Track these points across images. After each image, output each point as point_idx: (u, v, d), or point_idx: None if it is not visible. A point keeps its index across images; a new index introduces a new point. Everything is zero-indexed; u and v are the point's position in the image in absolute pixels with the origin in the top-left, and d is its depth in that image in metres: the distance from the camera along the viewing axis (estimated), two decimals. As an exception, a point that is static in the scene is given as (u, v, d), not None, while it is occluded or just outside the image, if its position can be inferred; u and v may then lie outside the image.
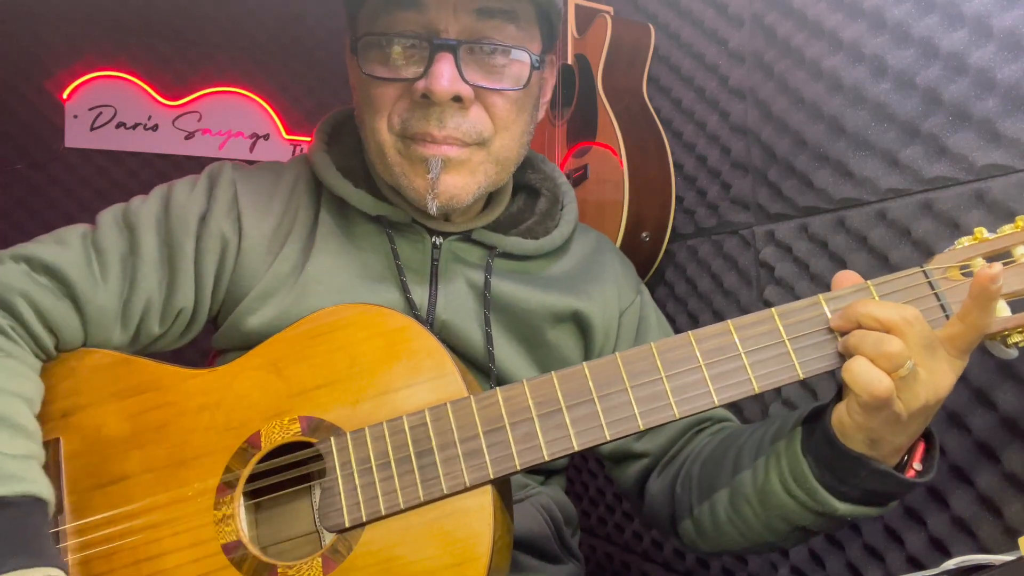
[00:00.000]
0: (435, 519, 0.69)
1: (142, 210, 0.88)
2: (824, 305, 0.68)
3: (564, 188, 1.03)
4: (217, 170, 0.93)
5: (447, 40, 0.80)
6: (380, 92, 0.84)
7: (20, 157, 2.21)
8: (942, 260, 0.68)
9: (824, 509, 0.70)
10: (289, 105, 2.56)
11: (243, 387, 0.76)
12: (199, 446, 0.75)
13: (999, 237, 0.68)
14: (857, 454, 0.67)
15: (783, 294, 1.23)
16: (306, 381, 0.75)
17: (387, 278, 0.89)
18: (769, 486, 0.74)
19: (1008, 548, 0.85)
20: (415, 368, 0.73)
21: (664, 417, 0.68)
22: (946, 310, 0.66)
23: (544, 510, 0.95)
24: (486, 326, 0.90)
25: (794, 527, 0.74)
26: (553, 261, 0.99)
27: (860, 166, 1.08)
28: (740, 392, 0.68)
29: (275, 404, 0.75)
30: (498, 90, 0.83)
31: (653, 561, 1.58)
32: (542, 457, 0.69)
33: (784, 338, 0.68)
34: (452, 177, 0.84)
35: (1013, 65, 0.88)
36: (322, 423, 0.73)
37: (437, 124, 0.81)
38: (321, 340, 0.76)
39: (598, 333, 0.97)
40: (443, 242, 0.92)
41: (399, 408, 0.72)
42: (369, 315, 0.76)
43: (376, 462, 0.70)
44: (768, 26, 1.25)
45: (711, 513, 0.82)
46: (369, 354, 0.74)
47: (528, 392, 0.70)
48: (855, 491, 0.69)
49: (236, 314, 0.86)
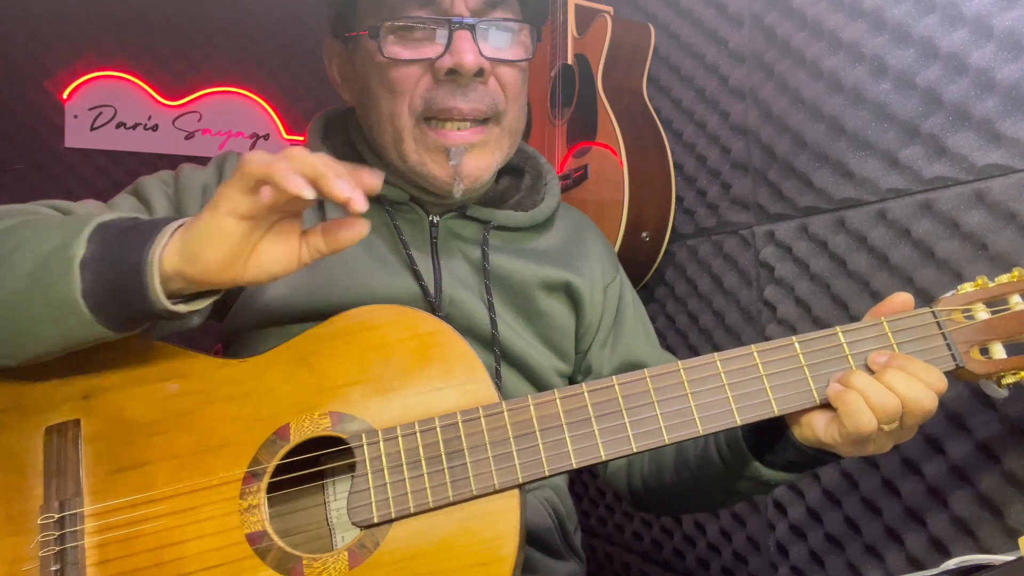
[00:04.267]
0: (463, 519, 0.70)
1: (148, 180, 0.92)
2: (840, 336, 0.73)
3: (545, 165, 1.09)
4: (224, 155, 0.97)
5: (465, 19, 0.86)
6: (402, 74, 0.88)
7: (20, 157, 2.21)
8: (948, 303, 0.74)
9: (752, 474, 0.81)
10: (289, 105, 2.56)
11: (274, 379, 0.76)
12: (226, 435, 0.75)
13: (997, 286, 0.74)
14: (800, 444, 0.75)
15: (783, 294, 1.23)
16: (337, 377, 0.75)
17: (393, 257, 0.93)
18: (707, 453, 0.85)
19: (1008, 548, 0.85)
20: (447, 371, 0.74)
21: (688, 433, 0.72)
22: (951, 348, 0.72)
23: (547, 504, 0.96)
24: (488, 296, 0.93)
25: (727, 491, 0.86)
26: (541, 234, 1.04)
27: (860, 166, 1.08)
28: (760, 413, 0.72)
29: (305, 398, 0.75)
30: (513, 61, 0.91)
31: (653, 561, 1.58)
32: (571, 465, 0.71)
33: (803, 364, 0.73)
34: (474, 160, 0.90)
35: (1013, 65, 0.88)
36: (353, 419, 0.74)
37: (463, 98, 0.87)
38: (354, 338, 0.77)
39: (587, 304, 1.02)
40: (439, 220, 0.96)
41: (430, 409, 0.73)
42: (404, 317, 0.77)
43: (407, 460, 0.71)
44: (768, 26, 1.25)
45: (658, 478, 0.94)
46: (402, 355, 0.75)
47: (559, 402, 0.73)
48: (780, 461, 0.79)
49: (249, 289, 0.88)
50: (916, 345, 0.72)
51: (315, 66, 2.59)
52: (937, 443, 0.96)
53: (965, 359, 0.72)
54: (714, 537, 1.40)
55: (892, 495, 1.02)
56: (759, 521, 1.28)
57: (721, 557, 1.39)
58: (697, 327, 1.44)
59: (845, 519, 1.10)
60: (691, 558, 1.47)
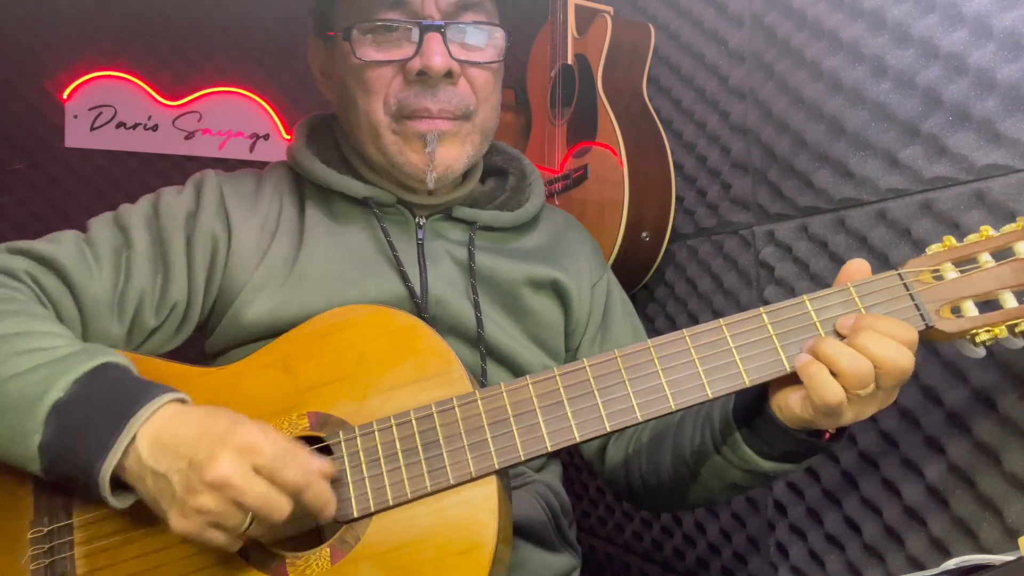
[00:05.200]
0: (441, 509, 0.70)
1: (132, 211, 0.93)
2: (808, 304, 0.74)
3: (529, 167, 1.10)
4: (200, 177, 0.98)
5: (435, 22, 0.89)
6: (375, 75, 0.91)
7: (20, 157, 2.21)
8: (915, 264, 0.74)
9: (750, 467, 0.80)
10: (289, 105, 2.55)
11: (252, 384, 0.78)
12: None
13: (965, 245, 0.74)
14: (785, 427, 0.75)
15: (783, 294, 1.22)
16: (314, 378, 0.76)
17: (379, 259, 0.94)
18: (704, 447, 0.85)
19: (1008, 548, 0.85)
20: (422, 366, 0.75)
21: (661, 409, 0.72)
22: (920, 309, 0.72)
23: (540, 497, 0.97)
24: (474, 295, 0.95)
25: (726, 484, 0.85)
26: (525, 234, 1.06)
27: (860, 166, 1.08)
28: (732, 385, 0.72)
29: (284, 400, 0.76)
30: (482, 64, 0.93)
31: (653, 561, 1.58)
32: (545, 448, 0.71)
33: (772, 334, 0.73)
34: (446, 149, 0.92)
35: (1013, 65, 0.88)
36: (330, 418, 0.75)
37: (432, 99, 0.90)
38: (330, 339, 0.78)
39: (575, 302, 1.03)
40: (426, 221, 0.98)
41: (406, 404, 0.74)
42: (377, 315, 0.78)
43: (384, 454, 0.72)
44: (768, 26, 1.25)
45: (656, 474, 0.94)
46: (377, 352, 0.76)
47: (531, 386, 0.73)
48: (775, 451, 0.79)
49: (233, 309, 0.89)
50: (884, 308, 0.73)
51: (315, 66, 2.59)
52: (937, 443, 0.96)
53: (935, 318, 0.71)
54: (714, 537, 1.40)
55: (892, 495, 1.02)
56: (759, 521, 1.28)
57: (721, 557, 1.39)
58: (697, 327, 1.44)
59: (845, 519, 1.10)
60: (691, 558, 1.47)
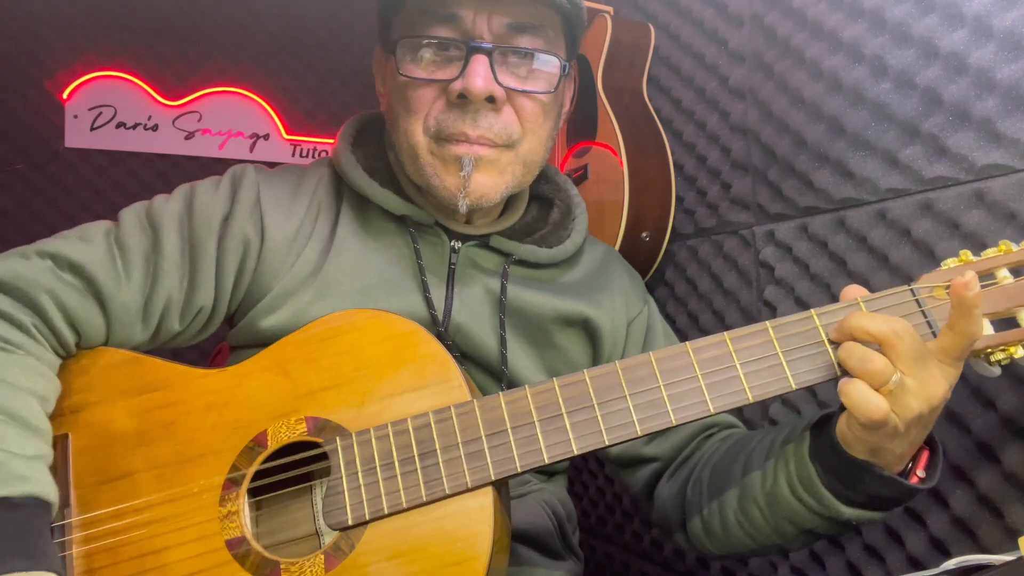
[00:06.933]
0: (436, 519, 0.70)
1: (165, 209, 0.89)
2: (816, 319, 0.71)
3: (576, 200, 1.06)
4: (240, 172, 0.94)
5: (483, 44, 0.84)
6: (417, 94, 0.87)
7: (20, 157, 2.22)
8: (928, 279, 0.70)
9: (830, 513, 0.72)
10: (289, 105, 2.56)
11: (251, 387, 0.77)
12: (206, 444, 0.75)
13: (982, 260, 0.70)
14: (862, 461, 0.68)
15: (783, 294, 1.23)
16: (313, 383, 0.76)
17: (406, 278, 0.91)
18: (777, 489, 0.76)
19: (1008, 548, 0.85)
20: (420, 373, 0.74)
21: (661, 424, 0.70)
22: (932, 327, 0.69)
23: (547, 506, 0.96)
24: (501, 330, 0.91)
25: (801, 530, 0.76)
26: (564, 271, 1.01)
27: (860, 166, 1.08)
28: (735, 401, 0.70)
29: (282, 404, 0.76)
30: (530, 92, 0.87)
31: (653, 561, 1.58)
32: (542, 460, 0.70)
33: (778, 350, 0.70)
34: (483, 176, 0.87)
35: (1013, 65, 0.88)
36: (328, 423, 0.74)
37: (472, 124, 0.85)
38: (329, 343, 0.77)
39: (606, 340, 0.99)
40: (461, 247, 0.94)
41: (404, 411, 0.73)
42: (377, 320, 0.77)
43: (380, 462, 0.71)
44: (768, 26, 1.25)
45: (720, 515, 0.84)
46: (376, 358, 0.75)
47: (530, 398, 0.72)
48: (860, 496, 0.71)
49: (253, 313, 0.87)
50: None
51: (315, 66, 2.59)
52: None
53: None
54: (714, 537, 1.40)
55: (892, 495, 1.02)
56: (759, 521, 1.28)
57: (725, 558, 1.38)
58: (697, 327, 1.44)
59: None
60: (691, 558, 1.47)
